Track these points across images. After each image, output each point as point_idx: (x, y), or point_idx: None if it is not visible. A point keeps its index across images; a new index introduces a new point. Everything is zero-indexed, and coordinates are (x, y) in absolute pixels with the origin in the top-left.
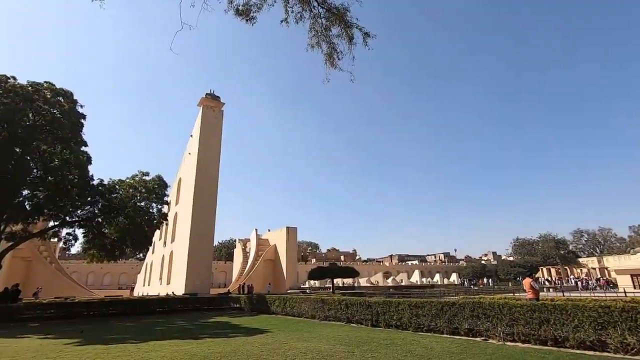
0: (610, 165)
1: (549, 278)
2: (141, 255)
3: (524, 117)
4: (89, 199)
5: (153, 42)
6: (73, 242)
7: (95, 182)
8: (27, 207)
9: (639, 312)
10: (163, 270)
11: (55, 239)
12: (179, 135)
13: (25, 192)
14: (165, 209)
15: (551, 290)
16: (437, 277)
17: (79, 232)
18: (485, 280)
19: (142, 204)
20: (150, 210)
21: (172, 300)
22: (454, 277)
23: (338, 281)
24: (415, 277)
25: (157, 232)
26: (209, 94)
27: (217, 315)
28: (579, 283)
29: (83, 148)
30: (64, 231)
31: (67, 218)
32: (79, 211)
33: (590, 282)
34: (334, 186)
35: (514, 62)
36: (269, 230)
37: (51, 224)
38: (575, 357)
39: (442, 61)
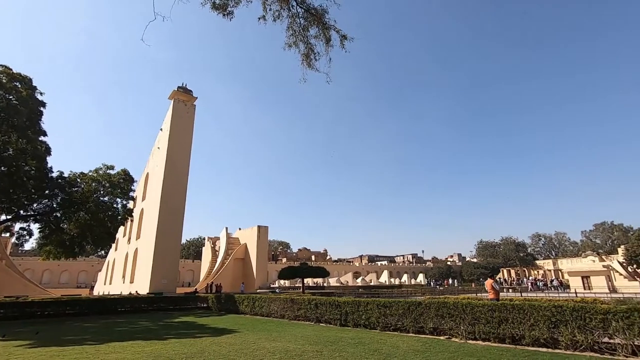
0: (567, 171)
1: (509, 279)
2: (103, 252)
3: (489, 125)
4: (46, 192)
5: (124, 31)
6: (27, 237)
7: (54, 175)
8: None
9: (587, 311)
10: (126, 268)
11: (7, 234)
12: (148, 129)
13: None
14: (130, 204)
15: (510, 290)
16: (405, 278)
17: (35, 227)
18: (450, 280)
19: (106, 198)
20: (114, 206)
21: (136, 300)
22: (421, 278)
23: (308, 281)
24: (384, 278)
25: (121, 228)
26: (181, 87)
27: (183, 315)
28: (536, 284)
29: (42, 138)
30: (17, 226)
31: (22, 212)
32: (35, 205)
33: (548, 283)
34: (306, 186)
35: (480, 74)
36: (240, 229)
37: (2, 217)
38: (530, 354)
39: (411, 68)
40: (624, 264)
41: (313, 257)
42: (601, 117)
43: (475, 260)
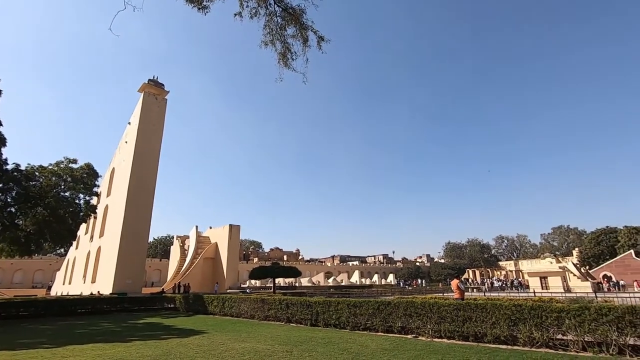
0: (529, 176)
1: (474, 279)
2: (62, 250)
3: (456, 135)
4: (0, 185)
5: (91, 20)
6: None
7: (9, 167)
8: None
9: (544, 310)
10: (88, 267)
11: None
12: (115, 122)
13: None
14: (94, 200)
15: (475, 290)
16: (375, 278)
17: None
18: (419, 281)
19: (67, 194)
20: (76, 202)
21: (97, 300)
22: (391, 278)
23: (280, 281)
24: (355, 278)
25: (84, 225)
26: (152, 80)
27: (149, 316)
28: (492, 284)
29: None
30: None
31: None
32: None
33: (509, 283)
34: (279, 186)
35: (446, 84)
36: (211, 228)
37: None
38: (491, 351)
39: (381, 76)
40: (578, 265)
41: (285, 257)
42: (558, 128)
43: (443, 261)
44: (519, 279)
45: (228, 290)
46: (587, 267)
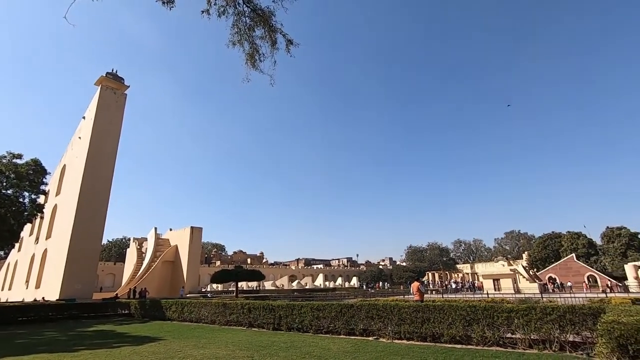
0: (484, 181)
1: (433, 282)
2: (2, 253)
3: (421, 138)
4: None
5: (43, 7)
6: None
7: None
8: None
9: (495, 310)
10: (32, 271)
11: None
12: (67, 117)
13: None
14: (41, 199)
15: (434, 292)
16: (339, 281)
17: None
18: (381, 283)
19: (10, 191)
20: (20, 200)
21: (42, 307)
22: (354, 281)
23: (243, 285)
24: (320, 281)
25: (28, 226)
26: (110, 74)
27: (100, 323)
28: (446, 286)
29: None
30: None
31: None
32: None
33: (466, 284)
34: (244, 187)
35: (408, 88)
36: (171, 230)
37: None
38: (447, 350)
39: (346, 78)
40: (527, 268)
41: (249, 260)
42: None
43: (404, 264)
44: (475, 281)
45: (188, 295)
46: (535, 270)
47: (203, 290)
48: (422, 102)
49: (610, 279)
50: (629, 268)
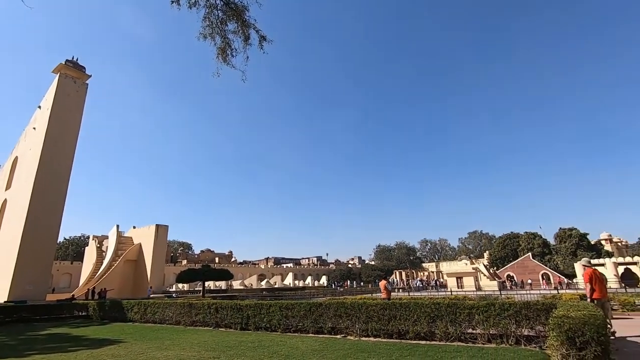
0: (449, 181)
1: (400, 280)
2: None
3: (392, 139)
4: None
5: None
6: None
7: None
8: None
9: (458, 307)
10: None
11: None
12: (20, 105)
13: None
14: None
15: (401, 290)
16: (309, 280)
17: None
18: (349, 282)
19: None
20: None
21: None
22: (324, 280)
23: (210, 284)
24: (289, 280)
25: None
26: (70, 61)
27: (54, 326)
28: (414, 285)
29: None
30: None
31: None
32: None
33: (432, 282)
34: (211, 186)
35: (386, 88)
36: (135, 228)
37: None
38: (412, 346)
39: (322, 77)
40: (487, 266)
41: (217, 259)
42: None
43: (373, 263)
44: (439, 280)
45: (152, 295)
46: (495, 268)
47: (168, 290)
48: (398, 102)
49: (562, 277)
50: (578, 266)
